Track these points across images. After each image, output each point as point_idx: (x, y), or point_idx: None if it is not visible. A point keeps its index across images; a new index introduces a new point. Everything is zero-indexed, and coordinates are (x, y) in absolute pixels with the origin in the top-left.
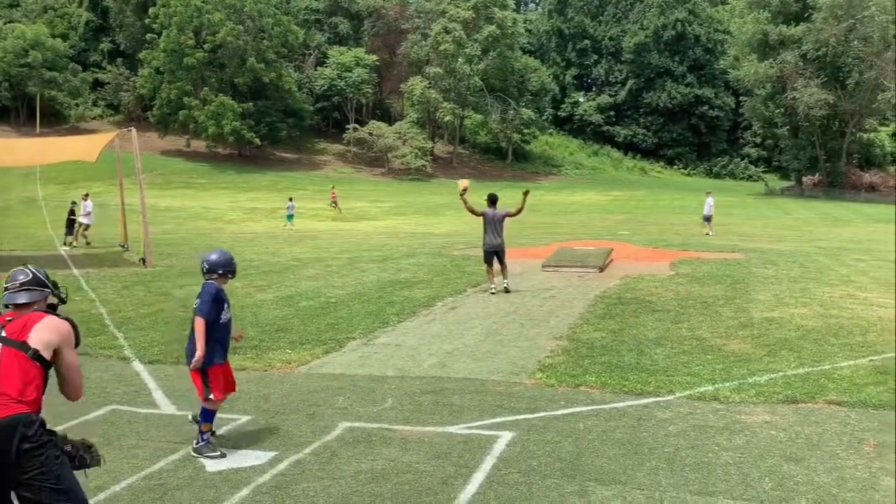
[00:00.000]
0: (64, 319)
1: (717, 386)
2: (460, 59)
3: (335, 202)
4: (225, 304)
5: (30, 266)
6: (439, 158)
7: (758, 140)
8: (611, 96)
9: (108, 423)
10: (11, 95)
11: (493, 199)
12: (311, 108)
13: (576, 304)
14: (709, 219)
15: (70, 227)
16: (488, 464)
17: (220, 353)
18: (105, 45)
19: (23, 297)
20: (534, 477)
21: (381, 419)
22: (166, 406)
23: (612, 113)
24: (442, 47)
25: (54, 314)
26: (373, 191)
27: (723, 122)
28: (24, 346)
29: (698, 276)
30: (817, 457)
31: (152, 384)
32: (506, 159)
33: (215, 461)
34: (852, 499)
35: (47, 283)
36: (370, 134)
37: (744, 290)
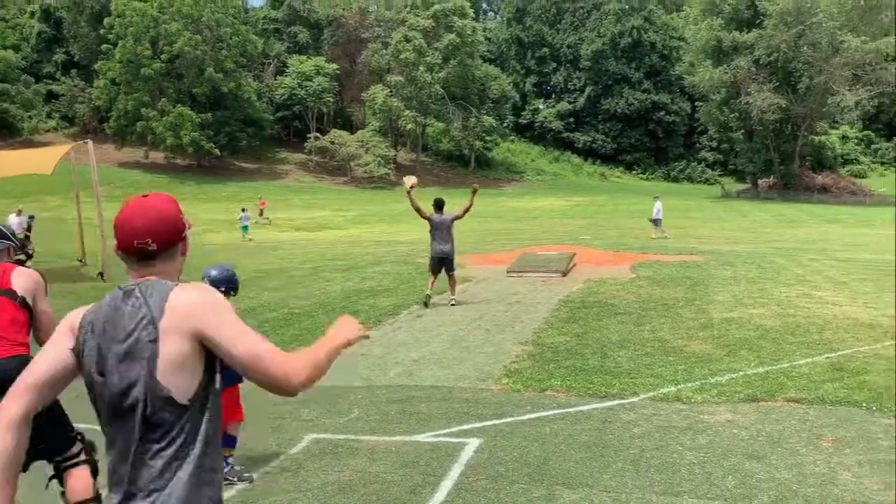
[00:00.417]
0: (33, 270)
1: (679, 387)
2: (421, 68)
3: (262, 212)
4: None
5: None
6: (402, 166)
7: (714, 144)
8: (570, 103)
9: None
10: None
11: (439, 204)
12: (272, 117)
13: (540, 308)
14: (658, 222)
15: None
16: (456, 471)
17: (232, 374)
18: (59, 56)
19: None
20: (501, 483)
21: (347, 430)
22: None
23: (571, 120)
24: (402, 56)
25: (23, 265)
26: (335, 200)
27: (679, 127)
28: (12, 294)
29: (659, 279)
30: (778, 454)
31: None
32: (468, 166)
33: None
34: (812, 494)
35: (9, 235)
36: (332, 143)
37: (703, 291)
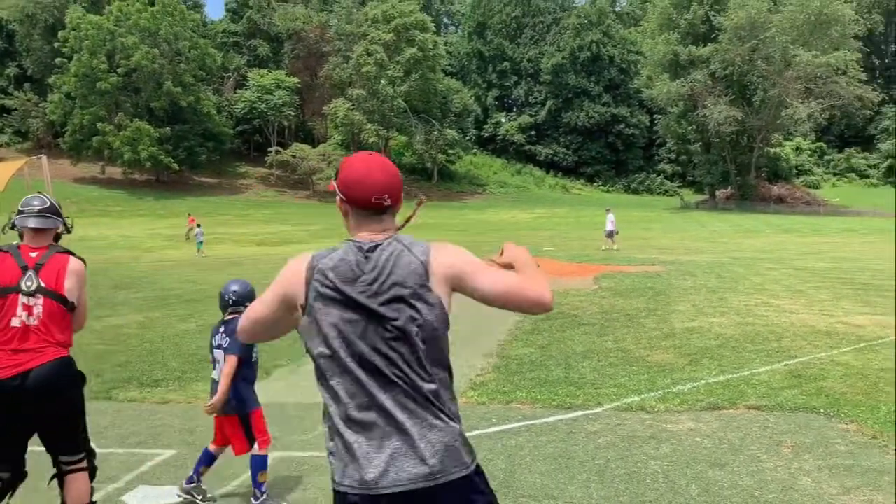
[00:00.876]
0: (78, 259)
1: (642, 396)
2: (383, 81)
3: (191, 230)
4: None
5: (45, 193)
6: None
7: (672, 156)
8: (531, 116)
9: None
10: None
11: None
12: (232, 131)
13: (504, 321)
14: (611, 234)
15: None
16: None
17: (256, 396)
18: (11, 70)
19: (37, 222)
20: None
21: (311, 447)
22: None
23: (533, 132)
24: (364, 69)
25: (71, 253)
26: (298, 214)
27: (638, 139)
28: (64, 301)
29: (621, 290)
30: (740, 461)
31: None
32: (432, 179)
33: (139, 499)
34: (774, 500)
35: (60, 212)
36: (293, 156)
37: (665, 301)
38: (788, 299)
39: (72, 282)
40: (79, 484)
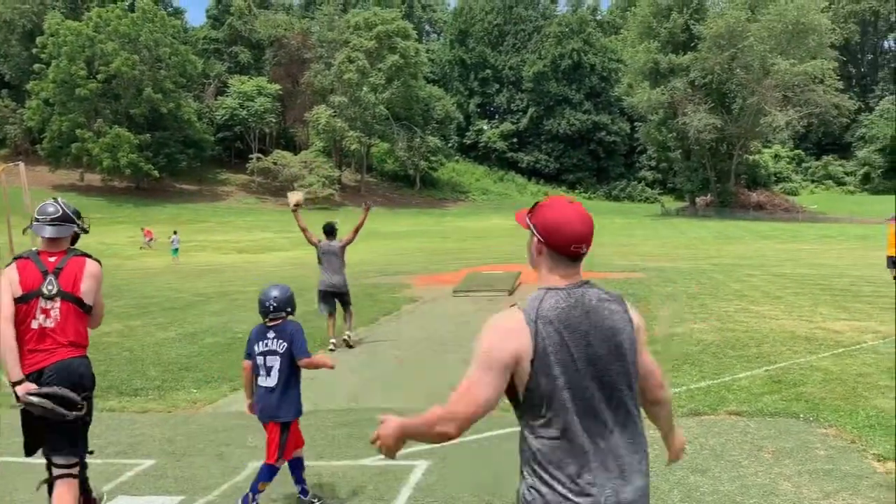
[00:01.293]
0: (94, 261)
1: None
2: (365, 88)
3: (150, 242)
4: None
5: (59, 200)
6: (347, 187)
7: (653, 164)
8: (513, 124)
9: None
10: None
11: (329, 229)
12: (212, 138)
13: None
14: None
15: None
16: (405, 495)
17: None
18: None
19: (51, 232)
20: None
21: None
22: None
23: (514, 140)
24: (346, 76)
25: (87, 255)
26: (279, 221)
27: (619, 147)
28: (81, 304)
29: None
30: (721, 466)
31: None
32: (414, 186)
33: None
34: None
35: (74, 218)
36: (275, 163)
37: (646, 307)
38: (768, 305)
39: (88, 284)
40: (66, 491)
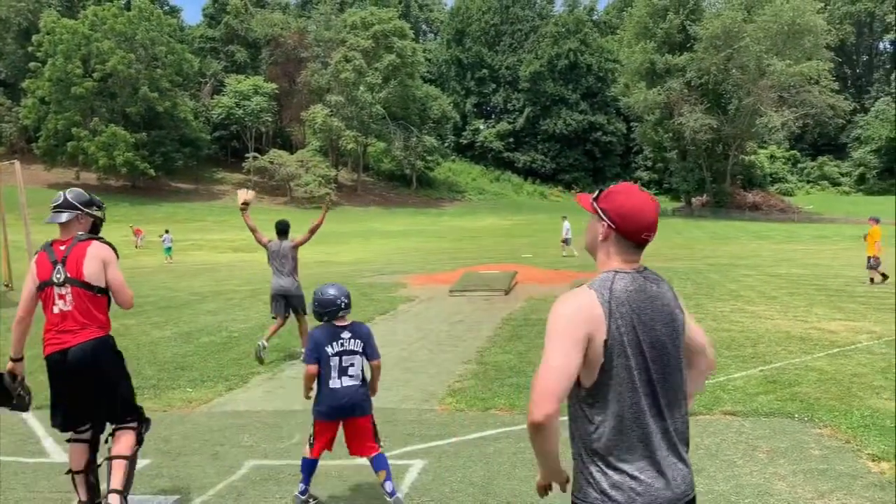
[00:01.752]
0: (103, 243)
1: None
2: (361, 88)
3: (142, 239)
4: None
5: (67, 190)
6: (344, 186)
7: (649, 164)
8: (509, 123)
9: None
10: None
11: (281, 227)
12: (209, 137)
13: (483, 327)
14: (567, 241)
15: None
16: (401, 494)
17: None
18: None
19: (51, 218)
20: None
21: (288, 455)
22: (57, 454)
23: (511, 140)
24: (343, 76)
25: (95, 239)
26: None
27: (616, 147)
28: (88, 286)
29: None
30: (716, 466)
31: (41, 431)
32: (410, 186)
33: None
34: None
35: (77, 204)
36: (271, 162)
37: None
38: (763, 305)
39: (91, 266)
40: (122, 437)
